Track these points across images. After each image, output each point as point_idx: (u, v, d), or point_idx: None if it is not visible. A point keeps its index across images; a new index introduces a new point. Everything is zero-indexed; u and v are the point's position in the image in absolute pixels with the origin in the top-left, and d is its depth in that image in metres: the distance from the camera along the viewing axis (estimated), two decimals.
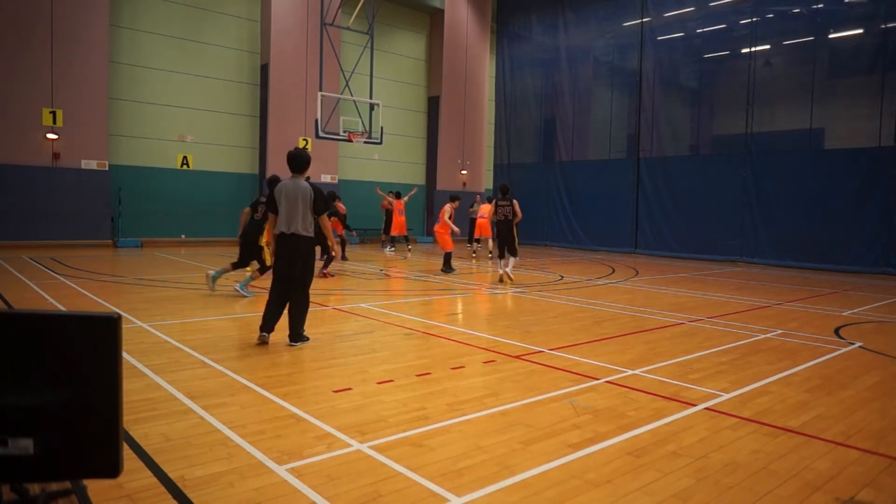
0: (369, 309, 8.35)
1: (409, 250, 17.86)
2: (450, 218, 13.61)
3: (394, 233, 18.08)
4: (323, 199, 6.04)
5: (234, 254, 9.77)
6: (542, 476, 3.23)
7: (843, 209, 15.66)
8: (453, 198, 14.76)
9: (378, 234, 23.34)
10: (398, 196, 17.90)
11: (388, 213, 19.43)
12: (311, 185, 6.04)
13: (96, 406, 1.55)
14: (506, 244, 11.66)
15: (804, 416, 4.32)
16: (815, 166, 16.27)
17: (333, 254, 8.15)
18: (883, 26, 15.28)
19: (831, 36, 16.61)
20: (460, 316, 8.29)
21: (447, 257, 13.24)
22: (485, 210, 16.11)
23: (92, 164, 17.01)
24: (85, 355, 1.55)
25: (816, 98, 16.44)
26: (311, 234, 6.04)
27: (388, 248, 19.18)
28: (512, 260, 11.74)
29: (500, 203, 11.84)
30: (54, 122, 16.37)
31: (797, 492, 3.14)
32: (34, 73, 16.03)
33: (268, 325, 6.11)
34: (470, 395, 4.61)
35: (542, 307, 8.97)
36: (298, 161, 6.06)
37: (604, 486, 3.14)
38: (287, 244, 5.99)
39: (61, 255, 14.41)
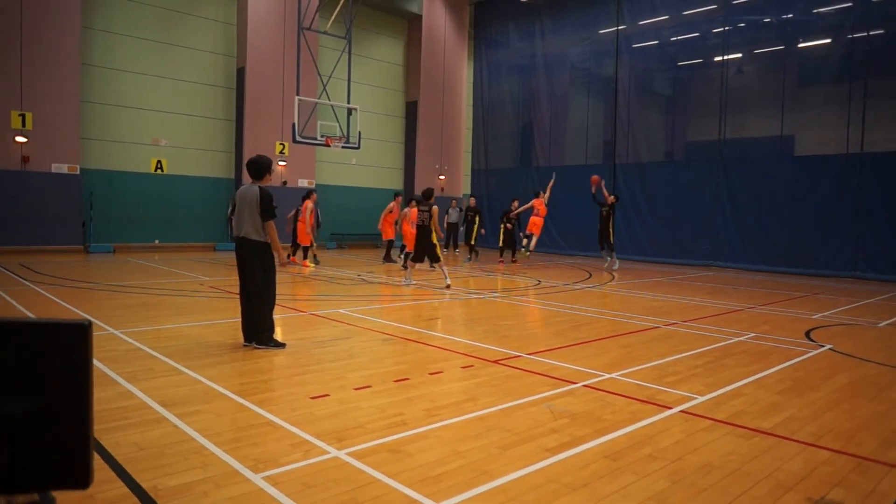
0: (346, 314, 8.30)
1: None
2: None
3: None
4: (268, 205, 6.05)
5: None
6: (520, 481, 3.24)
7: (812, 214, 15.98)
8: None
9: (357, 238, 23.28)
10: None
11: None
12: (261, 190, 6.09)
13: (66, 415, 1.51)
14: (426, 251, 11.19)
15: (776, 418, 4.39)
16: (785, 172, 16.59)
17: (292, 259, 7.64)
18: (850, 36, 15.65)
19: (801, 45, 16.98)
20: (438, 321, 8.28)
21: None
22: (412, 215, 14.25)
23: (63, 168, 16.66)
24: (54, 364, 1.52)
25: (787, 105, 16.78)
26: (262, 238, 6.10)
27: (398, 256, 19.01)
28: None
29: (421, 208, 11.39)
30: (23, 124, 16.00)
31: (770, 492, 3.19)
32: (2, 74, 15.66)
33: (244, 333, 6.16)
34: (448, 400, 4.61)
35: (520, 312, 9.01)
36: (254, 167, 6.21)
37: (581, 489, 3.16)
38: (239, 247, 6.19)
39: (31, 260, 14.07)
